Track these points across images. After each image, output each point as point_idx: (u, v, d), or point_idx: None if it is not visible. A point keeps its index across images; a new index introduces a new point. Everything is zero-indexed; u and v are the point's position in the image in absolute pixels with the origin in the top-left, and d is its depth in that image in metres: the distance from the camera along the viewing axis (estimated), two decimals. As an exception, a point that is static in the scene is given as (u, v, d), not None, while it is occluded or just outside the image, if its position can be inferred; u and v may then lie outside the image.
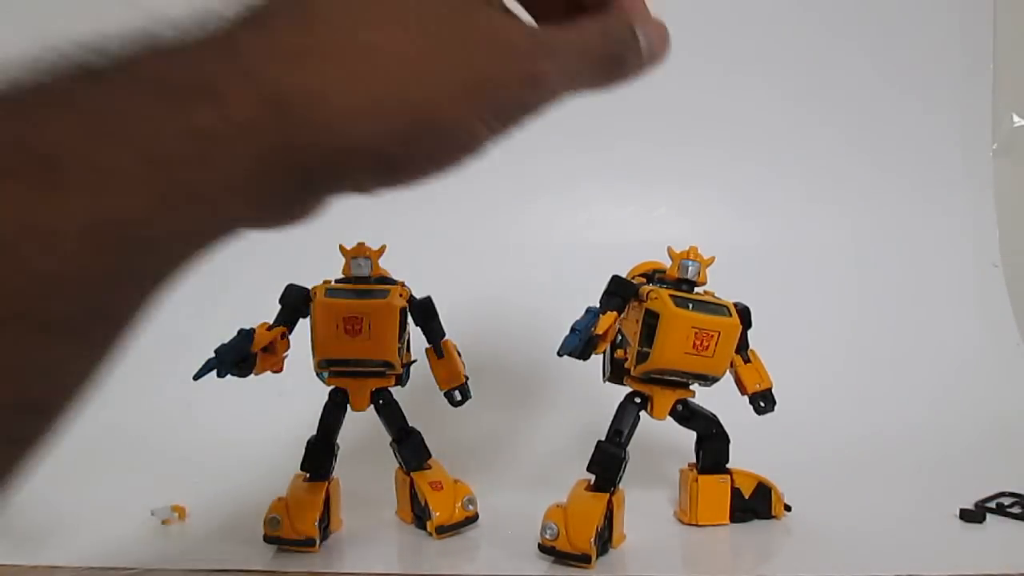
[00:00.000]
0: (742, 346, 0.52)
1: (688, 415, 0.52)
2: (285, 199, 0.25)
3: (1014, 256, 0.89)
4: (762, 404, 0.53)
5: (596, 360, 0.52)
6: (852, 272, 0.87)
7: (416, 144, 0.26)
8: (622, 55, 0.31)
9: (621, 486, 0.50)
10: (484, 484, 0.54)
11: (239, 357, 0.48)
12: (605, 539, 0.49)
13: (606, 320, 0.49)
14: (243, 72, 0.23)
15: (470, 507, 0.53)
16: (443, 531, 0.51)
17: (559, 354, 0.49)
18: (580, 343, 0.48)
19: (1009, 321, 0.86)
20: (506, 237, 0.86)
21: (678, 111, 0.89)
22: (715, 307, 0.49)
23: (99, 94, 0.22)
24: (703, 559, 0.51)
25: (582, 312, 0.50)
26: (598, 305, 0.50)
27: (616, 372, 0.53)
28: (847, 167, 0.89)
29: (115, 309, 0.23)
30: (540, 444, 0.69)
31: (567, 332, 0.49)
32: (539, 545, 0.48)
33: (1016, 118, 0.92)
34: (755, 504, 0.54)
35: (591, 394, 0.55)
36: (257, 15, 0.25)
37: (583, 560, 0.46)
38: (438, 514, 0.51)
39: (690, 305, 0.48)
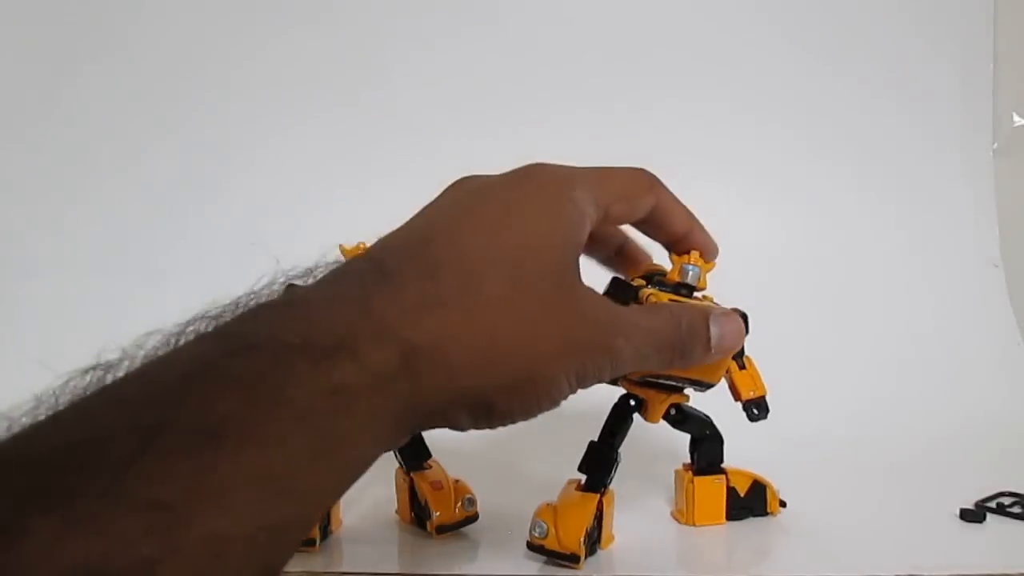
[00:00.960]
0: (738, 352, 0.52)
1: (681, 418, 0.52)
2: (404, 437, 0.28)
3: (1014, 256, 0.89)
4: (755, 411, 0.52)
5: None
6: (852, 271, 0.87)
7: (518, 395, 0.29)
8: (691, 347, 0.36)
9: (612, 486, 0.50)
10: (484, 484, 0.54)
11: None
12: (594, 539, 0.49)
13: None
14: (376, 325, 0.25)
15: (470, 507, 0.53)
16: (443, 531, 0.51)
17: None
18: None
19: (1009, 321, 0.86)
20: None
21: (677, 115, 0.89)
22: None
23: (252, 363, 0.23)
24: (698, 558, 0.51)
25: None
26: None
27: None
28: (846, 167, 0.89)
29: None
30: (540, 444, 0.69)
31: None
32: (528, 543, 0.48)
33: (1016, 118, 0.92)
34: (751, 502, 0.54)
35: (591, 395, 0.54)
36: (386, 267, 0.27)
37: (571, 560, 0.46)
38: (438, 514, 0.51)
39: None
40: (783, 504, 0.55)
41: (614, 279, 0.52)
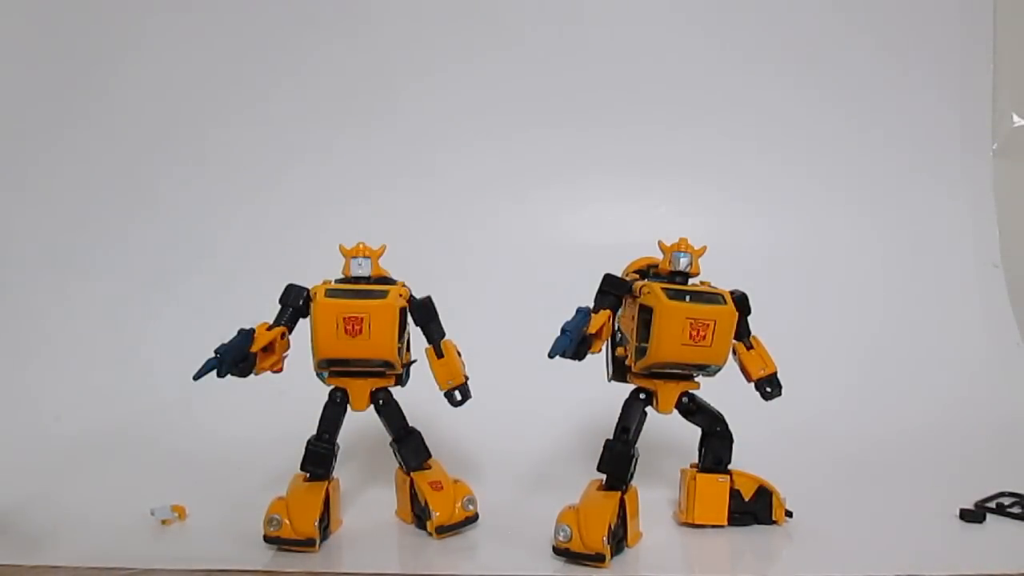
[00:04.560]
0: (743, 333, 0.52)
1: (694, 409, 0.52)
2: None
3: (1014, 256, 0.89)
4: (768, 389, 0.52)
5: (595, 360, 0.52)
6: (852, 273, 0.87)
7: None
8: None
9: (633, 484, 0.50)
10: (484, 484, 0.54)
11: (239, 357, 0.48)
12: (620, 537, 0.49)
13: (599, 319, 0.49)
14: None
15: (470, 507, 0.53)
16: (443, 531, 0.51)
17: (550, 355, 0.49)
18: (572, 344, 0.47)
19: (1009, 321, 0.86)
20: (507, 237, 0.86)
21: (681, 113, 0.89)
22: (709, 296, 0.49)
23: None
24: (704, 560, 0.51)
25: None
26: (591, 304, 0.50)
27: (619, 370, 0.53)
28: (847, 167, 0.89)
29: None
30: (540, 444, 0.69)
31: (558, 334, 0.49)
32: (553, 548, 0.48)
33: (1016, 118, 0.92)
34: (755, 507, 0.53)
35: (591, 394, 0.55)
36: None
37: (597, 560, 0.46)
38: (438, 514, 0.51)
39: (685, 297, 0.48)
40: (789, 514, 0.54)
41: (606, 276, 0.52)
